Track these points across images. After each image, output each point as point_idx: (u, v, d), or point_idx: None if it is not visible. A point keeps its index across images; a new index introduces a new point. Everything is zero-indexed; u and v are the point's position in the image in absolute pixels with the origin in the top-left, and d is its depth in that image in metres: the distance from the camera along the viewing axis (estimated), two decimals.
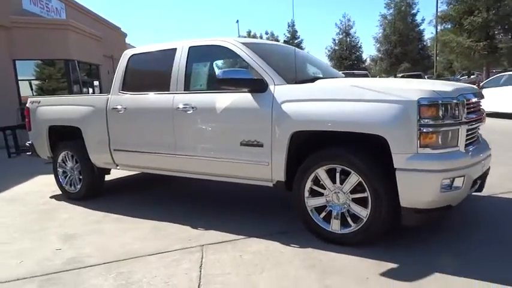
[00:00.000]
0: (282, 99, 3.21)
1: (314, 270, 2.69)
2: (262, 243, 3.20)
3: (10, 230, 3.98)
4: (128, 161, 4.41)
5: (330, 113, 2.95)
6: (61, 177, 5.18)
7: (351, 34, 46.18)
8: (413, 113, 2.68)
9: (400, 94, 2.77)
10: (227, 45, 3.70)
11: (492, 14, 20.62)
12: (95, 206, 4.62)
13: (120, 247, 3.34)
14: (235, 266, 2.83)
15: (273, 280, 2.60)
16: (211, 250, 3.14)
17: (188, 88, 3.89)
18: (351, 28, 46.10)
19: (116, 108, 4.32)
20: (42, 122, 5.16)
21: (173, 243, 3.34)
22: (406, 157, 2.70)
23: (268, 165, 3.33)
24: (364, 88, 2.96)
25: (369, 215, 2.90)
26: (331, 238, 3.10)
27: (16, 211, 4.70)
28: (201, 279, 2.67)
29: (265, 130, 3.29)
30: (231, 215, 3.99)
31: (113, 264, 3.01)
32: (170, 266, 2.91)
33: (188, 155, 3.82)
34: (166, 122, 3.92)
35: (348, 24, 46.56)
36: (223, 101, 3.52)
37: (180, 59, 3.95)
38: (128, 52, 4.53)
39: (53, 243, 3.54)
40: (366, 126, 2.82)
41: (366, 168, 2.87)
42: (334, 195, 3.07)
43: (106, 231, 3.78)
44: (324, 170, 3.07)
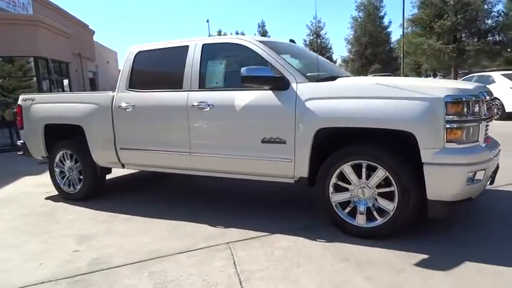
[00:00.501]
0: (306, 97, 3.25)
1: (349, 264, 2.76)
2: (289, 239, 3.23)
3: (14, 233, 3.80)
4: (136, 160, 4.32)
5: (359, 110, 3.03)
6: (58, 177, 4.99)
7: (322, 35, 47.05)
8: (440, 110, 2.80)
9: (426, 92, 2.88)
10: (245, 43, 3.70)
11: (460, 18, 21.69)
12: (97, 207, 4.49)
13: (142, 247, 3.27)
14: (270, 262, 2.84)
15: (312, 274, 2.64)
16: (239, 247, 3.14)
17: (203, 86, 3.86)
18: (322, 29, 46.99)
19: (123, 106, 4.21)
20: (37, 120, 4.95)
21: (196, 241, 3.31)
22: (434, 152, 2.82)
23: (290, 162, 3.37)
24: (390, 86, 3.06)
25: (396, 208, 3.00)
26: (356, 232, 3.17)
27: (13, 213, 4.50)
28: (239, 275, 2.67)
29: (288, 127, 3.33)
30: (246, 212, 4.00)
31: (141, 264, 2.95)
32: (202, 263, 2.88)
33: (204, 152, 3.80)
34: (180, 120, 3.87)
35: (318, 26, 47.44)
36: (244, 99, 3.53)
37: (194, 56, 3.91)
38: (134, 49, 4.43)
39: (67, 245, 3.42)
40: (395, 122, 2.91)
41: (394, 163, 2.97)
42: (360, 190, 3.15)
43: (120, 231, 3.69)
44: (350, 166, 3.15)
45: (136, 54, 4.36)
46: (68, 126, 4.72)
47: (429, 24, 22.40)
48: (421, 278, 2.51)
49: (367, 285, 2.46)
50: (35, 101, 5.03)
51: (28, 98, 5.13)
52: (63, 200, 4.87)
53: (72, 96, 5.07)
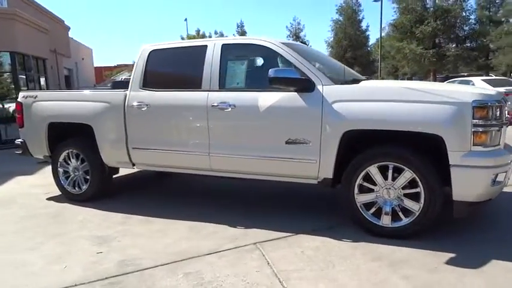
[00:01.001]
0: (332, 99, 3.30)
1: (382, 263, 2.82)
2: (315, 240, 3.27)
3: (27, 235, 3.67)
4: (150, 160, 4.25)
5: (387, 113, 3.10)
6: (62, 177, 4.84)
7: (301, 37, 47.49)
8: (467, 114, 2.91)
9: (454, 96, 2.99)
10: (269, 45, 3.72)
11: (440, 23, 22.46)
12: (106, 207, 4.39)
13: (167, 248, 3.23)
14: (303, 262, 2.87)
15: (349, 273, 2.68)
16: (268, 247, 3.15)
17: (223, 86, 3.85)
18: (301, 31, 47.44)
19: (138, 105, 4.14)
20: (41, 118, 4.78)
21: (221, 242, 3.29)
22: (461, 154, 2.92)
23: (315, 163, 3.41)
24: (417, 90, 3.16)
25: (422, 208, 3.09)
26: (382, 232, 3.25)
27: (16, 214, 4.34)
28: (277, 275, 2.69)
29: (313, 129, 3.37)
30: (263, 212, 4.01)
31: (172, 265, 2.91)
32: (235, 264, 2.88)
33: (224, 153, 3.78)
34: (199, 120, 3.85)
35: (298, 28, 47.87)
36: (268, 100, 3.54)
37: (213, 56, 3.89)
38: (146, 47, 4.36)
39: (86, 246, 3.34)
40: (424, 125, 3.00)
41: (421, 165, 3.06)
42: (385, 191, 3.23)
43: (139, 232, 3.62)
44: (376, 167, 3.22)
45: (150, 53, 4.29)
46: (75, 125, 4.60)
47: (410, 29, 23.11)
48: (455, 277, 2.60)
49: (406, 285, 2.52)
50: (38, 98, 4.86)
51: (29, 95, 4.96)
52: (67, 201, 4.73)
53: (80, 94, 4.92)
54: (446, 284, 2.51)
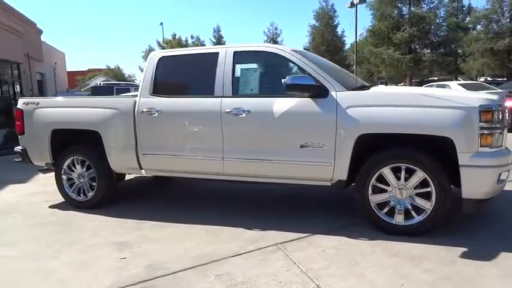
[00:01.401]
0: (346, 105, 3.47)
1: (401, 259, 2.99)
2: (332, 239, 3.41)
3: (42, 243, 3.63)
4: (160, 165, 4.29)
5: (400, 117, 3.29)
6: (66, 185, 4.79)
7: (278, 42, 47.98)
8: (475, 118, 3.13)
9: (462, 101, 3.21)
10: (281, 52, 3.86)
11: (415, 30, 23.35)
12: (114, 214, 4.39)
13: (190, 251, 3.29)
14: (328, 260, 3.00)
15: (376, 269, 2.84)
16: (290, 248, 3.27)
17: (237, 92, 3.95)
18: (278, 36, 47.98)
19: (148, 111, 4.18)
20: (43, 125, 4.73)
21: (242, 244, 3.38)
22: (470, 155, 3.14)
23: (330, 166, 3.56)
24: (427, 95, 3.37)
25: (433, 206, 3.29)
26: (395, 231, 3.42)
27: (23, 223, 4.28)
28: (307, 273, 2.80)
29: (328, 133, 3.52)
30: (274, 214, 4.13)
31: (201, 268, 2.98)
32: (263, 265, 2.98)
33: (239, 157, 3.88)
34: (213, 126, 3.93)
35: (275, 33, 48.40)
36: (282, 106, 3.67)
37: (225, 63, 3.99)
38: (156, 54, 4.41)
39: (108, 252, 3.35)
40: (435, 129, 3.21)
41: (432, 166, 3.26)
42: (398, 191, 3.41)
43: (157, 237, 3.66)
44: (389, 168, 3.40)
45: (159, 60, 4.34)
46: (81, 131, 4.58)
47: (387, 35, 23.90)
48: (473, 269, 2.79)
49: (429, 277, 2.69)
50: (40, 105, 4.81)
51: (30, 101, 4.90)
52: (72, 208, 4.69)
53: (86, 101, 4.92)
54: (465, 275, 2.70)
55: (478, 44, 24.66)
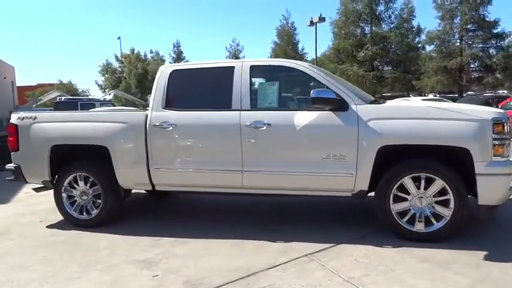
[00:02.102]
0: (367, 117, 3.62)
1: (431, 264, 3.13)
2: (360, 248, 3.50)
3: (57, 265, 3.43)
4: (175, 180, 4.21)
5: (422, 129, 3.49)
6: (66, 203, 4.57)
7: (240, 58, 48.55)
8: (489, 129, 3.39)
9: (476, 114, 3.47)
10: (300, 67, 3.98)
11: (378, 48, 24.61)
12: (123, 231, 4.23)
13: (222, 266, 3.25)
14: (364, 269, 3.08)
15: (411, 274, 2.95)
16: (322, 258, 3.32)
17: (255, 106, 4.00)
18: (240, 52, 48.65)
19: (162, 125, 4.12)
20: (42, 141, 4.50)
21: (273, 256, 3.40)
22: (485, 164, 3.38)
23: (352, 177, 3.68)
24: (442, 109, 3.60)
25: (452, 214, 3.49)
26: (417, 237, 3.57)
27: (26, 245, 4.03)
28: (350, 281, 2.87)
29: (350, 144, 3.65)
30: (291, 226, 4.16)
31: (242, 281, 2.96)
32: (303, 275, 3.01)
33: (259, 170, 3.91)
34: (232, 139, 3.94)
35: (237, 49, 49.03)
36: (304, 118, 3.77)
37: (242, 77, 4.04)
38: (166, 68, 4.38)
39: (136, 271, 3.24)
40: (453, 140, 3.43)
41: (451, 175, 3.47)
42: (418, 200, 3.59)
43: (182, 253, 3.58)
44: (410, 178, 3.57)
45: (171, 74, 4.31)
46: (85, 147, 4.42)
47: (352, 53, 24.99)
48: (498, 270, 2.99)
49: (466, 280, 2.84)
50: (37, 119, 4.58)
51: (26, 116, 4.65)
52: (74, 228, 4.46)
53: (91, 115, 4.74)
54: (494, 277, 2.88)
55: (433, 63, 26.35)
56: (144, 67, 49.39)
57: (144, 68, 49.05)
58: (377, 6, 26.30)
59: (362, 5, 25.93)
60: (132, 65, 50.73)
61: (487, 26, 26.16)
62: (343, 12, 26.72)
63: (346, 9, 26.50)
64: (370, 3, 25.77)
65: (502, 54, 25.52)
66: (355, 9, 26.12)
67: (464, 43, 27.19)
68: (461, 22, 26.65)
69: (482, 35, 26.60)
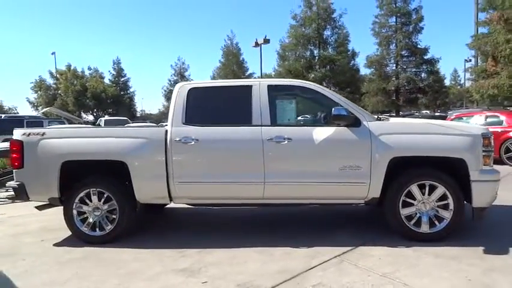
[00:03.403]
0: (378, 132, 4.11)
1: (445, 259, 3.61)
2: (378, 249, 3.90)
3: (93, 280, 3.44)
4: (197, 193, 4.36)
5: (427, 142, 4.04)
6: (77, 220, 4.50)
7: (186, 76, 48.55)
8: (479, 143, 4.02)
9: (469, 130, 4.11)
10: (314, 87, 4.41)
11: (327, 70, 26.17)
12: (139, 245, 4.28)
13: (264, 270, 3.48)
14: (391, 266, 3.49)
15: (435, 267, 3.41)
16: (350, 259, 3.68)
17: (275, 122, 4.33)
18: (186, 71, 48.68)
19: (183, 140, 4.29)
20: (52, 157, 4.42)
21: (305, 260, 3.69)
22: (477, 172, 4.00)
23: (366, 185, 4.12)
24: (441, 125, 4.20)
25: (452, 216, 4.04)
26: (423, 238, 4.08)
27: (44, 264, 3.92)
28: (386, 277, 3.25)
29: (364, 156, 4.10)
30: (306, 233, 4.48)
31: (290, 282, 3.23)
32: (344, 274, 3.34)
33: (281, 181, 4.21)
34: (254, 152, 4.21)
35: (182, 67, 48.99)
36: (322, 133, 4.17)
37: (260, 95, 4.36)
38: (184, 85, 4.58)
39: (182, 279, 3.37)
40: (453, 152, 4.01)
41: (451, 182, 4.04)
42: (422, 205, 4.11)
43: (216, 262, 3.73)
44: (416, 185, 4.09)
45: (189, 91, 4.51)
46: (100, 162, 4.43)
47: (302, 73, 26.26)
48: (502, 260, 3.56)
49: (477, 270, 3.35)
50: (46, 135, 4.50)
51: (33, 132, 4.55)
52: (85, 245, 4.39)
53: (108, 131, 4.74)
54: (500, 267, 3.42)
55: (373, 84, 28.57)
56: (82, 84, 47.44)
57: (82, 85, 47.10)
58: (324, 31, 28.13)
59: (311, 30, 27.57)
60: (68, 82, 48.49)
61: (419, 52, 29.04)
62: (293, 35, 28.17)
63: (297, 33, 27.99)
64: (318, 28, 27.51)
65: (433, 78, 28.38)
66: (305, 33, 27.69)
67: (399, 67, 29.84)
68: (397, 48, 29.30)
69: (415, 61, 29.43)
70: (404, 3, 28.96)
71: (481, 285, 3.09)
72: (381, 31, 30.11)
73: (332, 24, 28.38)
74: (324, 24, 27.81)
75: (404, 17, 29.15)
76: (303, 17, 27.97)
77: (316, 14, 27.47)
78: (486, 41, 17.24)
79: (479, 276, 3.23)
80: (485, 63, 18.55)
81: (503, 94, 16.67)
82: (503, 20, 15.69)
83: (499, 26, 16.20)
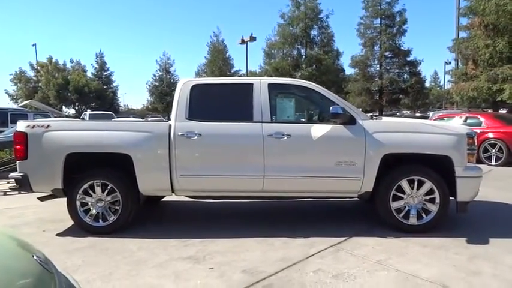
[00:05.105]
0: (372, 130, 4.38)
1: (432, 248, 3.91)
2: (369, 239, 4.18)
3: (103, 266, 3.59)
4: (198, 186, 4.55)
5: (417, 140, 4.34)
6: (80, 211, 4.63)
7: (171, 72, 48.33)
8: (464, 141, 4.34)
9: (455, 129, 4.42)
10: (312, 87, 4.66)
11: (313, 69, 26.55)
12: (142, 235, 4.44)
13: (265, 258, 3.70)
14: (383, 254, 3.77)
15: (423, 255, 3.70)
16: (346, 248, 3.95)
17: (275, 118, 4.56)
18: (171, 66, 48.37)
19: (186, 134, 4.47)
20: (57, 149, 4.54)
21: (302, 249, 3.93)
22: (462, 169, 4.32)
23: (359, 180, 4.39)
24: (429, 124, 4.50)
25: (438, 209, 4.36)
26: (411, 229, 4.38)
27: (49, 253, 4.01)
28: (380, 263, 3.52)
29: (358, 153, 4.37)
30: (301, 225, 4.73)
31: (293, 267, 3.46)
32: (341, 261, 3.60)
33: (279, 175, 4.43)
34: (255, 147, 4.43)
35: (167, 62, 48.64)
36: (319, 130, 4.41)
37: (261, 93, 4.57)
38: (188, 82, 4.74)
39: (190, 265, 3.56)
40: (439, 149, 4.32)
41: (438, 178, 4.35)
42: (411, 199, 4.41)
43: (219, 250, 3.92)
44: (406, 180, 4.39)
45: (192, 88, 4.68)
46: (104, 155, 4.57)
47: (289, 72, 26.60)
48: (483, 249, 3.89)
49: (462, 257, 3.66)
50: (51, 128, 4.61)
51: (38, 124, 4.65)
52: (88, 235, 4.53)
53: (112, 124, 4.85)
54: (483, 254, 3.74)
55: (358, 84, 29.15)
56: (64, 77, 46.65)
57: (64, 78, 46.31)
58: (311, 31, 28.55)
59: (298, 29, 27.94)
60: (50, 75, 47.61)
61: (402, 54, 29.75)
62: (281, 33, 28.48)
63: (284, 32, 28.31)
64: (305, 28, 27.90)
65: (415, 79, 29.12)
66: (292, 32, 28.03)
67: (383, 68, 30.50)
68: (381, 50, 29.93)
69: (398, 62, 30.14)
70: (388, 6, 29.61)
71: (467, 270, 3.39)
72: (366, 32, 30.72)
73: (319, 24, 28.86)
74: (311, 23, 28.26)
75: (389, 19, 29.82)
76: (290, 16, 28.35)
77: (304, 14, 27.90)
78: (467, 45, 17.88)
79: (464, 263, 3.53)
80: (466, 66, 19.22)
81: (482, 96, 17.34)
82: (483, 26, 16.33)
83: (479, 31, 16.84)
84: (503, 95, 15.74)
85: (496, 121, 10.97)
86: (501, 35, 15.95)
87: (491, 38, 16.34)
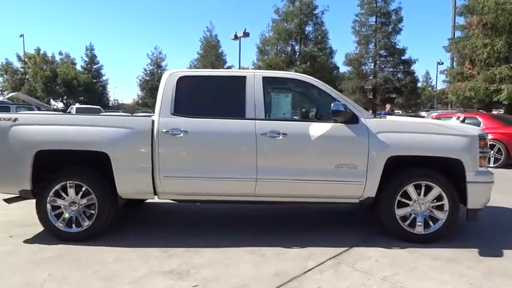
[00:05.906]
0: (376, 130, 3.97)
1: (442, 261, 3.52)
2: (372, 250, 3.78)
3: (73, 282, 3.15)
4: (184, 189, 4.09)
5: (425, 142, 3.94)
6: (51, 215, 4.14)
7: (163, 66, 47.55)
8: (476, 144, 3.95)
9: (465, 131, 4.02)
10: (312, 81, 4.22)
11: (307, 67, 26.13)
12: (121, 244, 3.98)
13: (257, 272, 3.29)
14: (390, 268, 3.37)
15: (434, 270, 3.31)
16: (347, 260, 3.54)
17: (269, 115, 4.12)
18: (163, 61, 47.60)
19: (171, 131, 4.01)
20: (24, 146, 4.04)
21: (299, 261, 3.52)
22: (473, 173, 3.93)
23: (362, 184, 3.98)
24: (439, 125, 4.10)
25: (447, 216, 3.97)
26: (417, 239, 3.98)
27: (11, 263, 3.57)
28: (387, 280, 3.12)
29: (361, 155, 3.96)
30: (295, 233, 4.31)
31: (288, 285, 3.05)
32: (343, 277, 3.20)
33: (274, 178, 4.00)
34: (247, 147, 3.99)
35: (159, 57, 47.87)
36: (318, 129, 3.98)
37: (255, 87, 4.13)
38: (174, 73, 4.28)
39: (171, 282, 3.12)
40: (451, 152, 3.92)
41: (447, 183, 3.96)
42: (417, 205, 4.01)
43: (206, 263, 3.50)
44: (412, 185, 3.99)
45: (179, 80, 4.22)
46: (78, 152, 4.09)
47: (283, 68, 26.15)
48: (499, 262, 3.52)
49: (477, 273, 3.28)
50: (19, 121, 4.11)
51: (4, 117, 4.15)
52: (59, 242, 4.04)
53: (88, 118, 4.36)
54: (498, 268, 3.37)
55: (352, 82, 28.83)
56: (52, 69, 45.71)
57: (52, 71, 45.38)
58: (306, 27, 28.12)
59: (293, 25, 27.49)
60: (37, 67, 46.60)
61: (397, 53, 29.49)
62: (275, 29, 28.00)
63: (279, 27, 27.83)
64: (300, 24, 27.47)
65: (409, 78, 28.90)
66: (287, 27, 27.57)
67: (377, 67, 30.23)
68: (376, 48, 29.65)
69: (392, 61, 29.88)
70: (384, 4, 29.30)
71: None
72: (361, 30, 30.43)
73: (314, 21, 28.44)
74: (306, 19, 27.82)
75: (384, 17, 29.53)
76: (285, 11, 27.87)
77: (299, 9, 27.45)
78: (464, 44, 17.57)
79: (481, 280, 3.15)
80: (461, 66, 18.95)
81: (479, 96, 17.08)
82: (481, 25, 16.03)
83: (477, 30, 16.55)
84: (500, 96, 15.48)
85: (494, 122, 10.68)
86: (499, 35, 15.68)
87: (489, 37, 16.06)
